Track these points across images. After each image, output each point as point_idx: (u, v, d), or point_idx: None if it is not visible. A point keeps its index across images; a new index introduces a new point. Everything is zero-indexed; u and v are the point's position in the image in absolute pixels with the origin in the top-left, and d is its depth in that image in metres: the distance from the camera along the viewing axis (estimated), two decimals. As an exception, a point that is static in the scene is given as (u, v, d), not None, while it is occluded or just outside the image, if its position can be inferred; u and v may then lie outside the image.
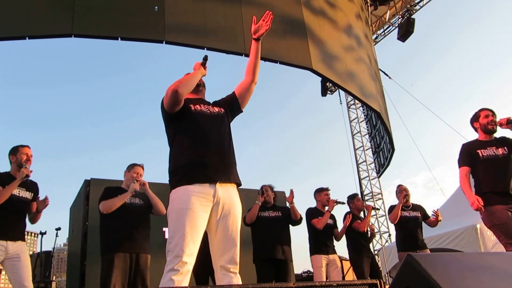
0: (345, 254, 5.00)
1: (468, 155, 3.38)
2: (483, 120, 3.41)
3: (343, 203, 4.59)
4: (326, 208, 4.51)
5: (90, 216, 4.38)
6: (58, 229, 4.43)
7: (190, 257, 1.80)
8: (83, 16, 4.32)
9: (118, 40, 4.59)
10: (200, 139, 2.03)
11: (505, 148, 3.32)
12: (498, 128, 3.36)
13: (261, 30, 2.22)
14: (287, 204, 4.14)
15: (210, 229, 1.96)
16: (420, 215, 4.72)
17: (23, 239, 3.05)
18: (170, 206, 1.91)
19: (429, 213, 4.75)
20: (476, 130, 3.50)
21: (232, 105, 2.26)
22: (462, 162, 3.41)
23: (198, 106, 2.14)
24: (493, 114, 3.41)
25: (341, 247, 4.62)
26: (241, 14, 5.15)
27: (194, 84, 2.12)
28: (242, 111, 2.30)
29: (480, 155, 3.33)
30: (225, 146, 2.09)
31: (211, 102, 2.26)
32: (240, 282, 1.90)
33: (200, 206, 1.87)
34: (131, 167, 3.41)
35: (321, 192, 4.57)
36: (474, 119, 3.49)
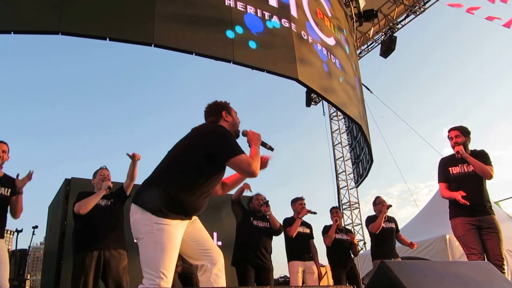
0: (324, 261, 5.13)
1: (443, 172, 3.65)
2: (450, 142, 3.65)
3: (314, 213, 4.67)
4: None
5: (69, 215, 4.34)
6: (35, 227, 4.36)
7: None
8: (71, 13, 4.28)
9: (107, 40, 4.60)
10: (209, 190, 2.10)
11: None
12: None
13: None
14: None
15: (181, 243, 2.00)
16: (394, 226, 4.96)
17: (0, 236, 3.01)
18: (162, 234, 1.88)
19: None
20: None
21: None
22: (439, 178, 3.69)
23: None
24: (458, 135, 3.60)
25: (321, 254, 4.78)
26: (231, 23, 5.24)
27: None
28: None
29: (451, 173, 3.60)
30: None
31: None
32: (224, 280, 1.99)
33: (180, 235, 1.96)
34: (96, 173, 3.48)
35: (296, 202, 4.73)
36: (448, 138, 3.72)
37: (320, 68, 6.31)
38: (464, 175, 3.53)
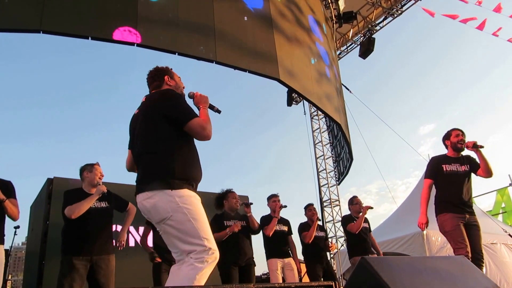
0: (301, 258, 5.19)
1: (434, 169, 3.78)
2: (454, 138, 3.78)
3: (285, 206, 4.68)
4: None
5: (51, 215, 4.32)
6: (17, 227, 4.30)
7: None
8: (53, 12, 4.23)
9: (89, 39, 4.57)
10: (196, 154, 2.09)
11: (468, 166, 3.72)
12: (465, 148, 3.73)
13: None
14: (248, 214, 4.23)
15: None
16: (368, 226, 5.10)
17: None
18: (190, 205, 1.89)
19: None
20: (446, 147, 3.88)
21: None
22: (427, 174, 3.83)
23: None
24: (463, 134, 3.80)
25: (299, 251, 4.84)
26: (213, 21, 5.27)
27: None
28: None
29: (444, 169, 3.72)
30: None
31: None
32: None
33: None
34: (91, 167, 3.34)
35: (270, 199, 4.73)
36: (446, 137, 3.87)
37: (301, 68, 6.41)
38: (456, 174, 3.69)
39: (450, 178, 3.68)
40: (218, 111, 2.20)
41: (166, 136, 1.99)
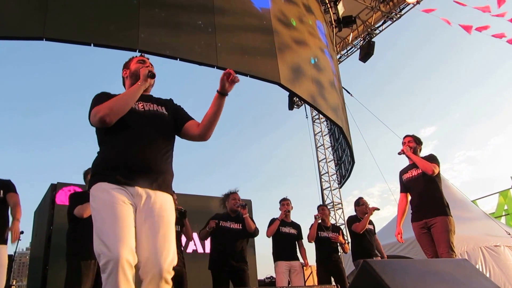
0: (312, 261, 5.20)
1: (400, 182, 3.94)
2: (403, 146, 3.88)
3: (288, 211, 4.75)
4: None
5: (55, 220, 4.34)
6: (21, 232, 4.31)
7: (130, 254, 1.58)
8: (56, 19, 4.28)
9: (91, 46, 4.61)
10: (124, 138, 1.81)
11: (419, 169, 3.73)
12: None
13: (229, 88, 1.93)
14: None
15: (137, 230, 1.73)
16: (373, 228, 5.09)
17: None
18: (94, 201, 1.71)
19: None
20: None
21: (176, 121, 2.02)
22: (400, 189, 3.97)
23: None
24: (410, 140, 3.86)
25: (310, 254, 4.86)
26: (214, 27, 5.31)
27: (131, 105, 1.86)
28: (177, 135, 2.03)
29: (403, 179, 3.87)
30: (155, 149, 1.83)
31: (152, 97, 2.03)
32: None
33: (123, 198, 1.69)
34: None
35: (280, 203, 4.82)
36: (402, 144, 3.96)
37: (302, 72, 6.43)
38: (412, 179, 3.77)
39: (408, 185, 3.82)
40: (152, 76, 1.98)
41: (99, 141, 1.91)
